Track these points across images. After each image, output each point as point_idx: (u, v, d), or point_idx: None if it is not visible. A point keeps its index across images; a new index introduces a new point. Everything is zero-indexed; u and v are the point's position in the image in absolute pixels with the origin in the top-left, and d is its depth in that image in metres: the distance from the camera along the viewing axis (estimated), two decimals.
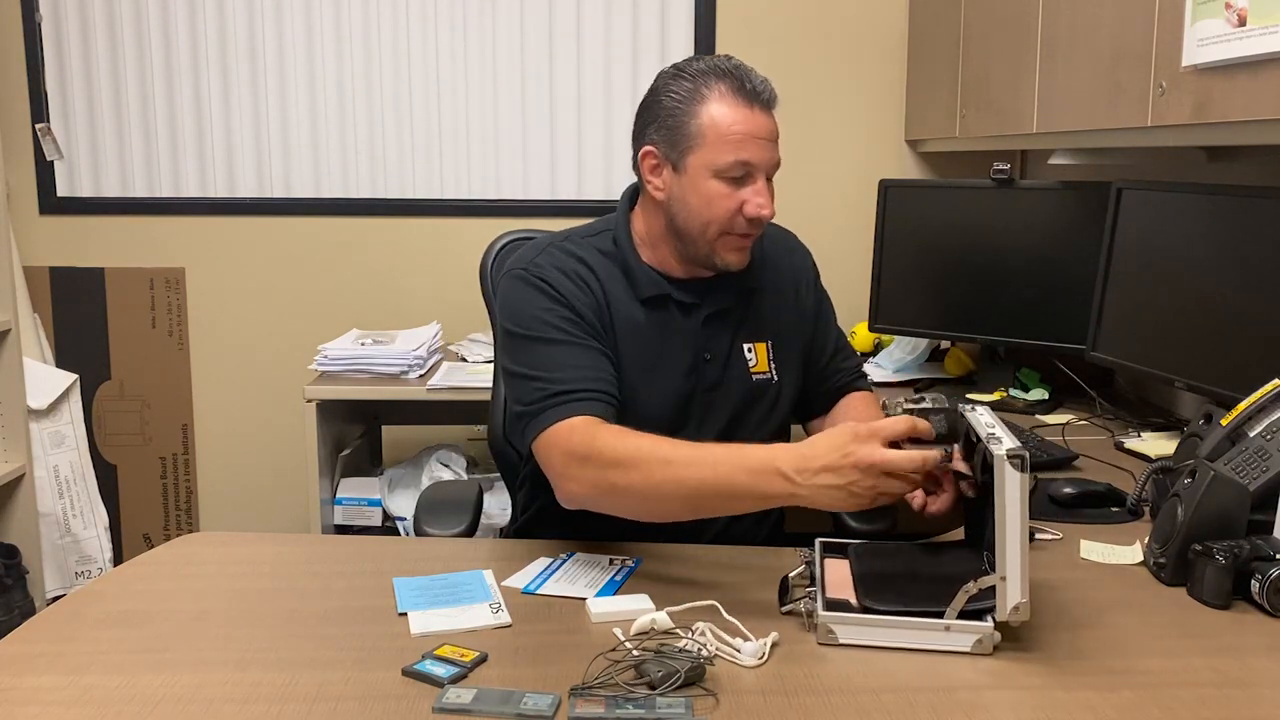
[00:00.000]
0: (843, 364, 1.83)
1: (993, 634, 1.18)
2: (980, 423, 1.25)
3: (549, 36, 3.07)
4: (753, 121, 1.53)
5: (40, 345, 3.07)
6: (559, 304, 1.57)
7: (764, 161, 1.55)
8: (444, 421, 3.01)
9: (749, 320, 1.70)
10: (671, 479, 1.36)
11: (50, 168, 3.09)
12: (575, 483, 1.44)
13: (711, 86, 1.54)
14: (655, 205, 1.62)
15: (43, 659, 1.18)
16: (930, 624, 1.19)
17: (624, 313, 1.62)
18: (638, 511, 1.42)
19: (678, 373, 1.63)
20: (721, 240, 1.58)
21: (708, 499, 1.37)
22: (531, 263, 1.61)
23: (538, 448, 1.50)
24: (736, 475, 1.34)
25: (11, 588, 2.70)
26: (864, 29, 3.09)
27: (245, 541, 1.58)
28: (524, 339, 1.57)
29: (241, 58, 3.06)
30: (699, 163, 1.54)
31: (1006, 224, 2.48)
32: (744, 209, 1.55)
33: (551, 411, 1.48)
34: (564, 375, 1.51)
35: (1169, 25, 1.68)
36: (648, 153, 1.60)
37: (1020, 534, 1.14)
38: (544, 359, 1.53)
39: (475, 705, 1.06)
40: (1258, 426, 1.51)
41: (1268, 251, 1.76)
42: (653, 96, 1.60)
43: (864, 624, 1.21)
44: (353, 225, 3.14)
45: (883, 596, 1.24)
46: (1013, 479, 1.13)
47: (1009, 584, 1.15)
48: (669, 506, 1.40)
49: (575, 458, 1.43)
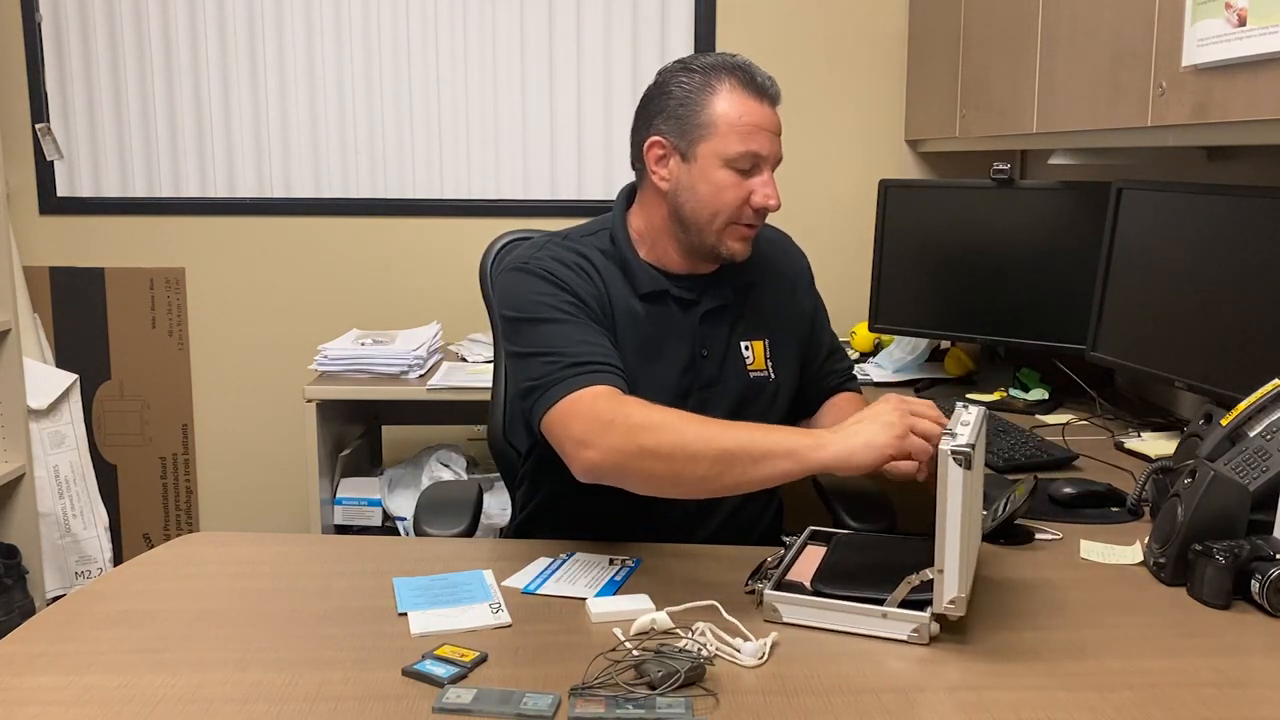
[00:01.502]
0: (836, 365, 1.84)
1: (929, 624, 1.20)
2: (956, 419, 1.26)
3: (549, 36, 3.07)
4: (761, 114, 1.56)
5: (40, 345, 3.07)
6: (562, 289, 1.57)
7: (771, 154, 1.58)
8: (444, 421, 3.01)
9: (746, 318, 1.70)
10: (703, 436, 1.35)
11: (50, 168, 3.09)
12: (597, 449, 1.39)
13: (722, 79, 1.57)
14: (658, 198, 1.62)
15: (43, 659, 1.18)
16: (869, 610, 1.23)
17: (624, 305, 1.62)
18: (662, 476, 1.37)
19: (675, 368, 1.64)
20: (728, 230, 1.60)
21: (737, 459, 1.35)
22: (531, 257, 1.62)
23: (555, 417, 1.45)
24: (769, 433, 1.37)
25: (11, 588, 2.70)
26: (864, 29, 3.09)
27: (245, 541, 1.58)
28: (529, 321, 1.55)
29: (241, 58, 3.06)
30: (709, 151, 1.56)
31: (1006, 224, 2.48)
32: (751, 199, 1.57)
33: (571, 380, 1.45)
34: (578, 350, 1.50)
35: (1169, 25, 1.68)
36: (655, 143, 1.60)
37: (960, 529, 1.16)
38: (553, 336, 1.52)
39: (475, 705, 1.06)
40: (1258, 426, 1.51)
41: (1268, 251, 1.76)
42: (658, 89, 1.61)
43: (807, 605, 1.25)
44: (353, 225, 3.14)
45: (834, 582, 1.28)
46: (955, 475, 1.16)
47: (946, 577, 1.18)
48: (696, 469, 1.35)
49: (600, 422, 1.40)
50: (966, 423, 1.25)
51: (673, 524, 1.60)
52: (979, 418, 1.28)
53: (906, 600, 1.22)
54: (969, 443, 1.17)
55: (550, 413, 1.45)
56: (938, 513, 1.17)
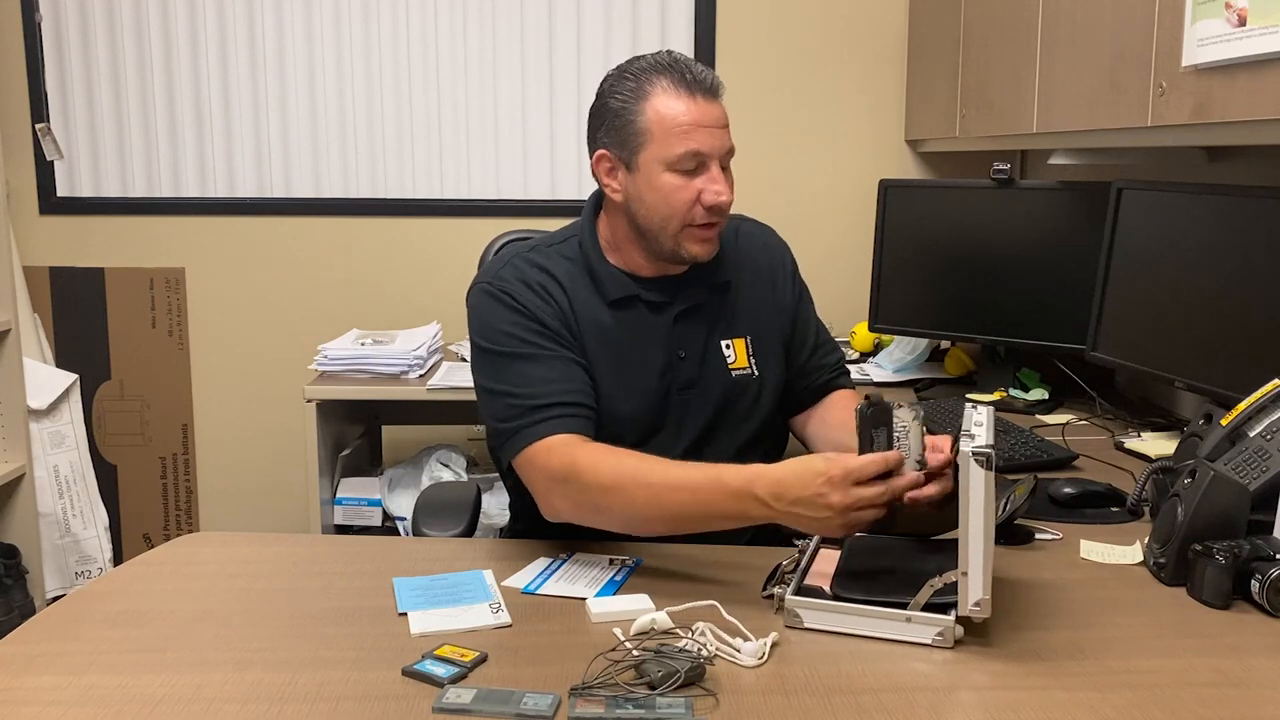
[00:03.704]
0: (824, 360, 1.81)
1: (954, 627, 1.20)
2: (970, 420, 1.26)
3: (549, 36, 3.07)
4: (698, 110, 1.53)
5: (40, 345, 3.07)
6: (524, 316, 1.58)
7: (714, 149, 1.55)
8: (444, 421, 3.01)
9: (725, 316, 1.69)
10: (652, 502, 1.41)
11: (50, 168, 3.09)
12: (558, 501, 1.48)
13: (654, 82, 1.54)
14: (616, 208, 1.62)
15: (43, 659, 1.18)
16: (893, 614, 1.21)
17: (590, 316, 1.62)
18: (622, 529, 1.47)
19: (651, 373, 1.63)
20: (684, 233, 1.58)
21: (689, 521, 1.42)
22: (496, 275, 1.62)
23: (518, 466, 1.53)
24: (716, 499, 1.38)
25: (11, 588, 2.70)
26: (864, 29, 3.09)
27: (245, 541, 1.58)
28: (493, 354, 1.58)
29: (241, 58, 3.06)
30: (650, 158, 1.55)
31: (1006, 224, 2.48)
32: (701, 198, 1.55)
33: (528, 431, 1.50)
34: (536, 390, 1.52)
35: (1169, 25, 1.68)
36: (601, 156, 1.60)
37: (983, 531, 1.15)
38: (514, 375, 1.54)
39: (475, 705, 1.06)
40: (1258, 426, 1.50)
41: (1268, 251, 1.76)
42: (599, 101, 1.60)
43: (829, 610, 1.24)
44: (353, 225, 3.14)
45: (854, 586, 1.27)
46: (977, 476, 1.15)
47: (970, 579, 1.16)
48: (652, 527, 1.46)
49: (556, 479, 1.47)
50: (980, 423, 1.24)
51: None
52: (989, 417, 1.27)
53: (927, 603, 1.20)
54: (989, 443, 1.16)
55: (516, 461, 1.52)
56: (960, 514, 1.16)
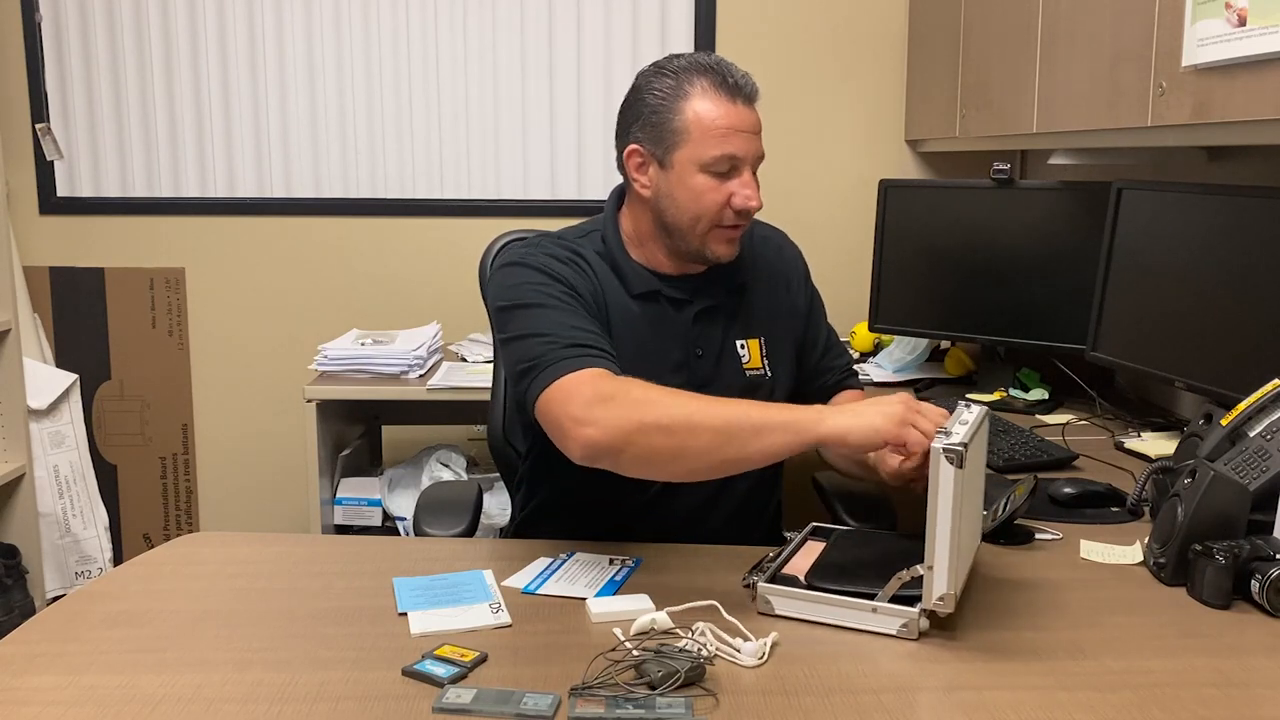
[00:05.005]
0: (834, 362, 1.83)
1: (918, 620, 1.21)
2: (956, 417, 1.27)
3: (549, 36, 3.07)
4: (736, 115, 1.54)
5: (40, 345, 3.07)
6: (556, 280, 1.56)
7: (748, 154, 1.56)
8: (444, 421, 3.01)
9: (741, 317, 1.70)
10: (704, 408, 1.36)
11: (50, 168, 3.09)
12: (596, 426, 1.35)
13: (694, 82, 1.55)
14: (642, 203, 1.62)
15: (43, 659, 1.18)
16: (859, 604, 1.24)
17: (617, 301, 1.62)
18: (663, 449, 1.35)
19: (667, 368, 1.63)
20: (712, 233, 1.59)
21: (737, 430, 1.34)
22: (525, 254, 1.61)
23: (553, 395, 1.41)
24: (767, 407, 1.38)
25: (11, 588, 2.70)
26: (864, 29, 3.09)
27: (245, 541, 1.58)
28: (522, 307, 1.53)
29: (241, 58, 3.06)
30: (685, 158, 1.55)
31: (1006, 224, 2.48)
32: (732, 201, 1.56)
33: (569, 360, 1.43)
34: (572, 334, 1.48)
35: (1169, 25, 1.68)
36: (633, 151, 1.60)
37: (950, 527, 1.17)
38: (547, 320, 1.50)
39: (475, 705, 1.06)
40: (1258, 426, 1.50)
41: (1268, 251, 1.76)
42: (635, 95, 1.60)
43: (799, 598, 1.27)
44: (353, 225, 3.14)
45: (828, 576, 1.30)
46: (946, 473, 1.17)
47: (936, 573, 1.18)
48: (698, 440, 1.34)
49: (600, 398, 1.37)
50: (965, 421, 1.25)
51: (673, 524, 1.61)
52: (979, 417, 1.28)
53: (899, 596, 1.22)
54: (962, 442, 1.17)
55: (547, 391, 1.42)
56: (928, 510, 1.18)
